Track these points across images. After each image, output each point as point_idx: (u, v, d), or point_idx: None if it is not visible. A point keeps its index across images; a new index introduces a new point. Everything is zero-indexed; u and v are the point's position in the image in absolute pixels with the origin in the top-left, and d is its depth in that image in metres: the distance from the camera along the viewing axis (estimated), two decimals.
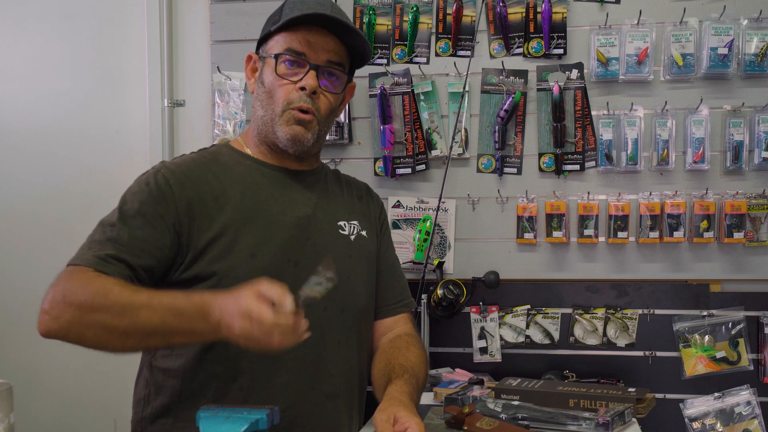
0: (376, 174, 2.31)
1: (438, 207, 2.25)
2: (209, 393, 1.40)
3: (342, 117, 2.28)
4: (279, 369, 1.43)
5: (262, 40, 1.53)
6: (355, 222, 1.61)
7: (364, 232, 1.62)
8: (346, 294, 1.53)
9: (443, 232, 2.29)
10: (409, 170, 2.29)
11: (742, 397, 2.15)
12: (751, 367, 2.17)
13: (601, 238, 2.22)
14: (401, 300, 1.71)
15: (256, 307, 1.15)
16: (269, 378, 1.42)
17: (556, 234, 2.21)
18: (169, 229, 1.38)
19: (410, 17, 2.26)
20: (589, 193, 2.21)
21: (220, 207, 1.42)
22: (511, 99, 2.21)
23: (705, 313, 2.19)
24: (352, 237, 1.59)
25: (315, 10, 1.46)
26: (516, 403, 1.60)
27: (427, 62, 2.29)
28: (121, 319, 1.23)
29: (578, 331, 2.24)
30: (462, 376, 2.08)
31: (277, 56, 1.47)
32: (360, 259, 1.60)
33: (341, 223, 1.59)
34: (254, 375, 1.41)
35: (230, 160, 1.52)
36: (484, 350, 2.26)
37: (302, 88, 1.46)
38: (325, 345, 1.48)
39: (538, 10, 2.21)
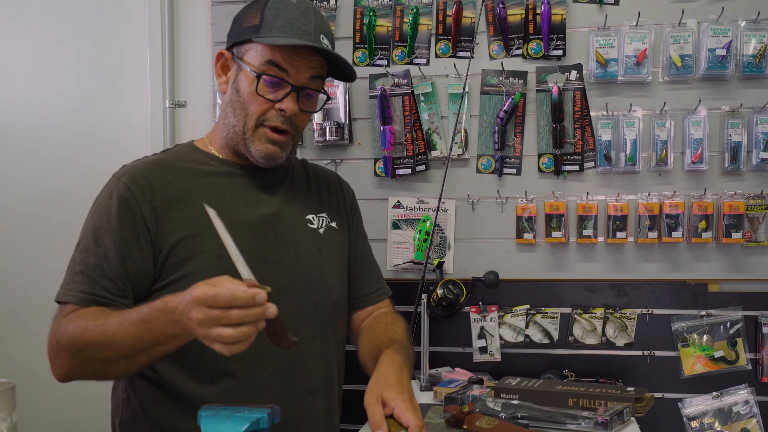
0: (376, 174, 2.31)
1: (438, 207, 2.25)
2: (187, 397, 1.39)
3: (342, 118, 2.29)
4: (257, 369, 1.42)
5: (238, 42, 1.47)
6: (323, 214, 1.61)
7: (333, 224, 1.62)
8: (319, 289, 1.53)
9: (443, 233, 2.29)
10: (409, 171, 2.29)
11: (740, 396, 2.15)
12: (749, 367, 2.17)
13: (600, 239, 2.22)
14: (379, 288, 1.73)
15: (208, 289, 1.09)
16: (248, 379, 1.42)
17: (555, 234, 2.22)
18: (141, 239, 1.37)
19: (410, 19, 2.27)
20: (588, 193, 2.22)
21: (183, 208, 1.41)
22: (510, 100, 2.21)
23: (703, 312, 2.19)
24: (322, 230, 1.59)
25: (301, 36, 1.42)
26: (515, 402, 1.61)
27: (427, 63, 2.29)
28: (102, 350, 1.25)
29: (577, 331, 2.24)
30: (462, 375, 2.09)
31: (259, 75, 1.41)
32: (331, 251, 1.60)
33: (309, 216, 1.58)
34: (232, 376, 1.40)
35: (194, 161, 1.50)
36: (483, 350, 2.27)
37: (281, 110, 1.43)
38: (301, 341, 1.45)
39: (538, 11, 2.22)
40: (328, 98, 1.56)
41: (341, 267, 1.63)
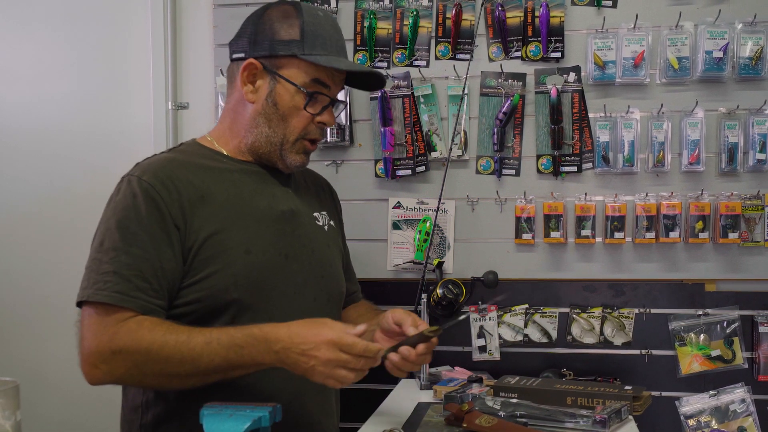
0: (376, 175, 2.32)
1: (438, 208, 2.26)
2: (215, 392, 1.37)
3: (343, 119, 2.30)
4: None
5: (273, 53, 1.47)
6: (324, 212, 1.65)
7: (332, 222, 1.67)
8: (331, 282, 1.59)
9: (443, 233, 2.31)
10: (409, 172, 2.30)
11: (737, 394, 2.16)
12: (746, 366, 2.18)
13: (598, 239, 2.23)
14: (358, 290, 1.82)
15: (345, 337, 1.23)
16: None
17: (553, 234, 2.23)
18: (172, 238, 1.36)
19: (410, 21, 2.28)
20: (586, 194, 2.23)
21: (206, 205, 1.41)
22: (509, 102, 2.22)
23: (700, 312, 2.20)
24: (326, 227, 1.63)
25: (342, 55, 1.52)
26: (514, 400, 1.61)
27: (427, 65, 2.31)
28: (182, 366, 1.25)
29: (575, 330, 2.26)
30: (461, 374, 2.09)
31: (310, 93, 1.47)
32: (334, 248, 1.66)
33: (315, 214, 1.62)
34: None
35: (206, 159, 1.50)
36: (483, 349, 2.28)
37: (321, 123, 1.49)
38: None
39: (536, 14, 2.23)
40: (346, 105, 1.63)
41: (340, 263, 1.70)
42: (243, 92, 1.49)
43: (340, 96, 1.59)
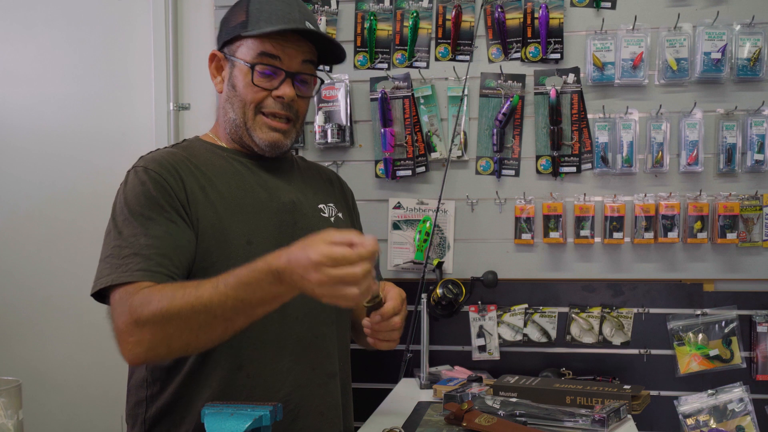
0: (377, 176, 2.33)
1: (437, 208, 2.27)
2: (215, 384, 1.40)
3: (344, 120, 2.31)
4: (282, 353, 1.45)
5: (228, 40, 1.51)
6: (331, 204, 1.65)
7: (340, 214, 1.66)
8: None
9: (443, 233, 2.32)
10: (409, 172, 2.31)
11: (735, 394, 2.16)
12: (744, 365, 2.19)
13: (597, 239, 2.24)
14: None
15: (328, 250, 1.09)
16: (274, 363, 1.44)
17: (553, 235, 2.24)
18: (184, 219, 1.37)
19: (410, 23, 2.29)
20: (585, 194, 2.24)
21: (207, 196, 1.42)
22: (509, 103, 2.23)
23: (699, 312, 2.21)
24: (332, 219, 1.62)
25: (289, 23, 1.45)
26: (514, 399, 1.61)
27: (427, 67, 2.32)
28: (197, 316, 1.20)
29: (575, 330, 2.27)
30: (461, 373, 2.10)
31: (252, 66, 1.46)
32: None
33: (321, 206, 1.61)
34: (259, 361, 1.42)
35: (207, 152, 1.52)
36: (482, 348, 2.29)
37: (279, 97, 1.47)
38: (322, 325, 1.51)
39: (536, 15, 2.24)
40: (322, 82, 1.60)
41: None
42: (215, 84, 1.55)
43: (313, 72, 1.54)
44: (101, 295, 1.33)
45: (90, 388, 2.53)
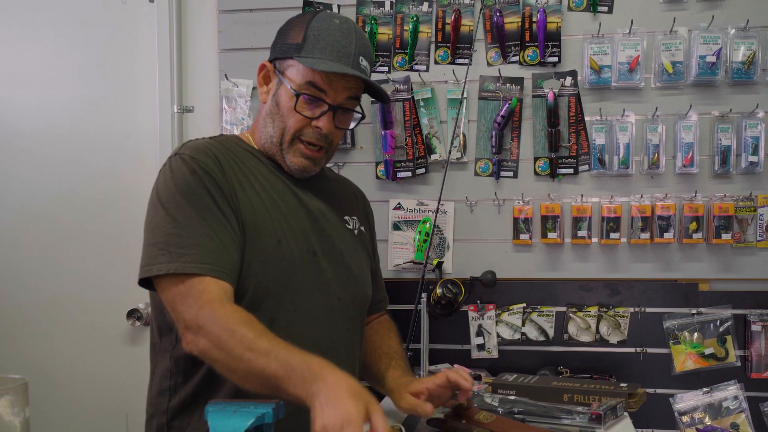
0: (377, 177, 2.35)
1: (437, 209, 2.28)
2: (231, 384, 1.38)
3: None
4: None
5: (281, 56, 1.50)
6: (354, 217, 1.66)
7: (362, 228, 1.67)
8: (357, 285, 1.58)
9: (442, 233, 2.33)
10: (409, 174, 2.33)
11: (730, 392, 2.18)
12: (739, 364, 2.21)
13: (594, 239, 2.26)
14: (383, 299, 1.80)
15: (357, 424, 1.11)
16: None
17: (550, 235, 2.25)
18: (234, 212, 1.38)
19: (410, 27, 2.31)
20: (582, 195, 2.26)
21: (245, 191, 1.43)
22: (507, 105, 2.25)
23: (694, 311, 2.23)
24: (356, 231, 1.64)
25: (341, 59, 1.44)
26: (512, 397, 1.62)
27: (427, 70, 2.33)
28: (239, 363, 1.22)
29: (572, 329, 2.28)
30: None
31: (297, 94, 1.46)
32: (363, 252, 1.65)
33: (346, 217, 1.63)
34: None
35: (242, 152, 1.52)
36: (481, 347, 2.31)
37: (317, 127, 1.47)
38: (338, 333, 1.52)
39: (534, 19, 2.26)
40: (363, 117, 1.59)
41: (369, 268, 1.68)
42: (260, 92, 1.55)
43: (356, 107, 1.55)
44: (146, 280, 1.34)
45: (95, 386, 2.54)
